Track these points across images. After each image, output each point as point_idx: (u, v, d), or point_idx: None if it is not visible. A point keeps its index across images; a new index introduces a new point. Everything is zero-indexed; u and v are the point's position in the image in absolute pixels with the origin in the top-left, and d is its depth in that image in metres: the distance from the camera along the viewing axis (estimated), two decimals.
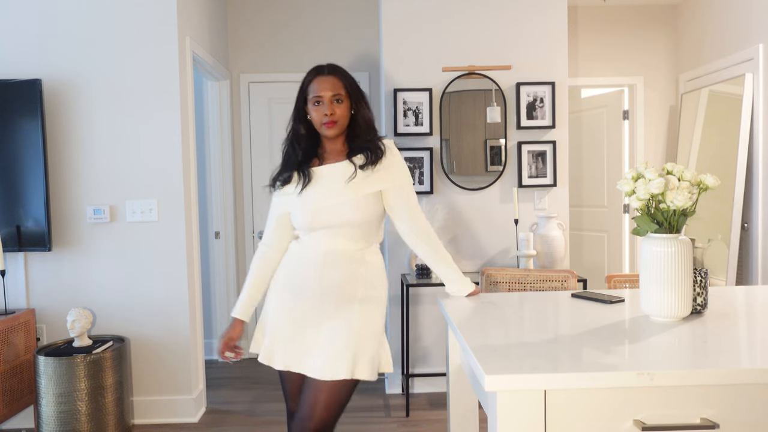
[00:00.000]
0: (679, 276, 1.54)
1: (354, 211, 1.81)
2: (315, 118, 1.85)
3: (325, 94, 1.82)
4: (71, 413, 2.80)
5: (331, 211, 1.81)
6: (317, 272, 1.84)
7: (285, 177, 1.89)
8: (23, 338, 3.02)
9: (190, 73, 3.37)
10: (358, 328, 1.80)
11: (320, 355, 1.79)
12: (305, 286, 1.85)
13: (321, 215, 1.82)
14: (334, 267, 1.84)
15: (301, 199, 1.85)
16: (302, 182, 1.85)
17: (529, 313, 1.86)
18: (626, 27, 4.46)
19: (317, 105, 1.83)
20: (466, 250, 3.65)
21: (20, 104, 3.00)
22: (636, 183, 1.58)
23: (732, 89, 3.79)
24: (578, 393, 1.21)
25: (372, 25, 4.34)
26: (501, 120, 3.58)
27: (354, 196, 1.81)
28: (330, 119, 1.81)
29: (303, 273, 1.86)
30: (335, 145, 1.90)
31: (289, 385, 1.95)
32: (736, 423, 1.22)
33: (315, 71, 1.87)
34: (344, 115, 1.84)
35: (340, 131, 1.87)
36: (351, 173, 1.82)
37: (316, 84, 1.84)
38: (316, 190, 1.84)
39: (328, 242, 1.84)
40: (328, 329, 1.81)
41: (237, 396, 3.68)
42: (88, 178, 3.16)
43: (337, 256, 1.84)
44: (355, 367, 1.77)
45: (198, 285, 3.41)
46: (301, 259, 1.89)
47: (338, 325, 1.80)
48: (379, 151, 1.84)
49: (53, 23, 3.11)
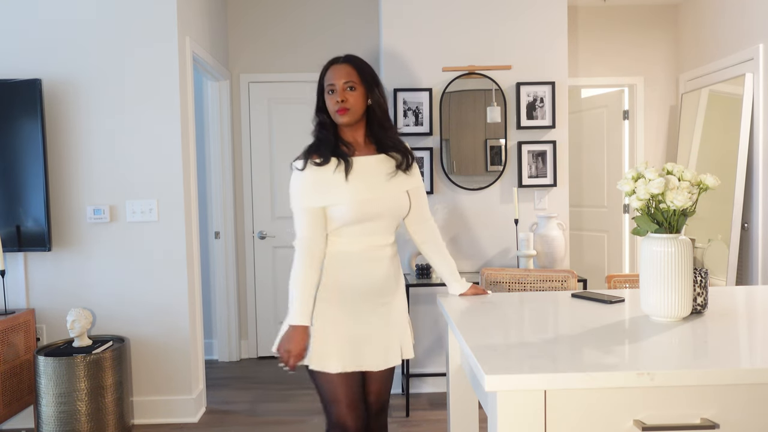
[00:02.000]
0: (679, 276, 1.54)
1: (394, 205, 1.86)
2: (330, 106, 1.85)
3: (337, 82, 1.82)
4: (71, 413, 2.80)
5: (378, 203, 1.83)
6: (362, 271, 1.85)
7: (322, 158, 1.81)
8: (23, 338, 3.02)
9: (190, 73, 3.37)
10: (398, 318, 1.95)
11: (376, 348, 1.87)
12: (353, 287, 1.85)
13: (369, 206, 1.81)
14: (376, 263, 1.87)
15: (349, 187, 1.80)
16: (345, 168, 1.81)
17: (529, 313, 1.86)
18: (626, 27, 4.46)
19: (331, 94, 1.84)
20: (466, 250, 3.65)
21: (20, 104, 3.00)
22: (636, 183, 1.58)
23: (732, 89, 3.79)
24: (578, 393, 1.21)
25: (372, 25, 4.34)
26: (501, 120, 3.58)
27: (396, 191, 1.87)
28: (342, 106, 1.81)
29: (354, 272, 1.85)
30: (357, 138, 1.90)
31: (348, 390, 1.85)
32: (736, 423, 1.22)
33: (331, 61, 1.89)
34: (358, 102, 1.83)
35: (353, 119, 1.85)
36: (392, 169, 1.87)
37: (330, 72, 1.86)
38: (362, 180, 1.82)
39: (368, 238, 1.85)
40: (377, 323, 1.89)
41: (237, 396, 3.68)
42: (88, 178, 3.16)
43: (376, 251, 1.87)
44: (402, 351, 1.95)
45: (198, 285, 3.41)
46: (350, 258, 1.85)
47: (383, 316, 1.90)
48: (410, 157, 1.92)
49: (53, 23, 3.11)
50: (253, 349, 4.49)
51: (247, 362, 4.39)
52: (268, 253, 4.41)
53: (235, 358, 4.42)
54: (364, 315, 1.86)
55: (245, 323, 4.46)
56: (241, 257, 4.42)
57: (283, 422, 3.23)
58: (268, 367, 4.24)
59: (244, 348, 4.47)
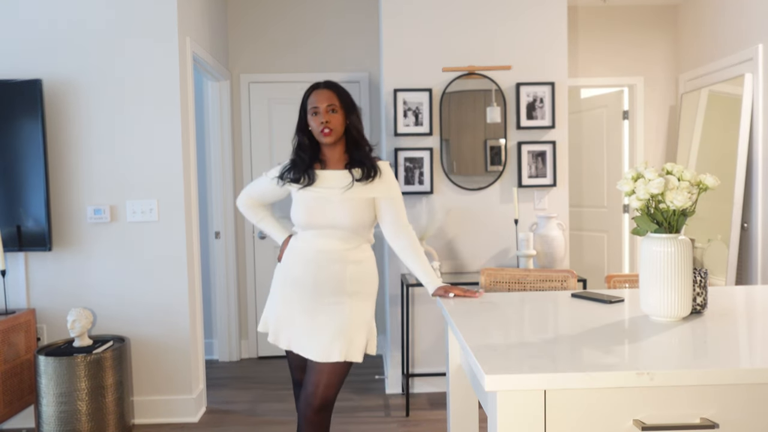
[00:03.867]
0: (679, 276, 1.55)
1: (347, 215, 2.05)
2: (314, 127, 2.08)
3: (321, 105, 2.06)
4: (71, 413, 2.80)
5: (326, 213, 2.06)
6: (313, 268, 2.08)
7: (295, 177, 2.11)
8: (23, 338, 3.02)
9: (191, 73, 3.37)
10: (349, 319, 2.05)
11: (317, 340, 2.04)
12: (303, 280, 2.09)
13: (317, 216, 2.07)
14: (327, 264, 2.08)
15: (301, 196, 2.10)
16: (305, 181, 2.09)
17: (529, 313, 1.87)
18: (626, 27, 4.46)
19: (315, 115, 2.07)
20: (466, 250, 3.65)
21: (20, 104, 3.00)
22: (636, 183, 1.58)
23: (732, 89, 3.79)
24: (578, 393, 1.21)
25: (372, 25, 4.34)
26: (501, 120, 3.58)
27: (349, 203, 2.05)
28: (326, 126, 2.04)
29: (301, 267, 2.11)
30: (334, 154, 2.14)
31: (293, 360, 2.20)
32: (736, 423, 1.23)
33: (313, 86, 2.12)
34: (339, 124, 2.07)
35: (336, 138, 2.09)
36: (348, 182, 2.06)
37: (314, 96, 2.09)
38: (315, 192, 2.08)
39: (322, 241, 2.09)
40: (324, 318, 2.05)
41: (237, 396, 3.68)
42: (88, 178, 3.16)
43: (329, 254, 2.08)
44: (348, 351, 2.03)
45: (198, 285, 3.41)
46: (299, 254, 2.13)
47: (332, 314, 2.05)
48: (374, 171, 2.09)
49: (53, 23, 3.11)
50: (253, 349, 4.49)
51: (247, 362, 4.39)
52: (268, 253, 4.42)
53: (235, 358, 4.42)
54: (312, 308, 2.06)
55: (245, 323, 4.46)
56: (241, 257, 4.42)
57: (283, 422, 3.23)
58: (268, 367, 4.24)
59: (244, 348, 4.48)
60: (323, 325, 2.04)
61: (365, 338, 2.09)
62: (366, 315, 2.11)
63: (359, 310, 2.08)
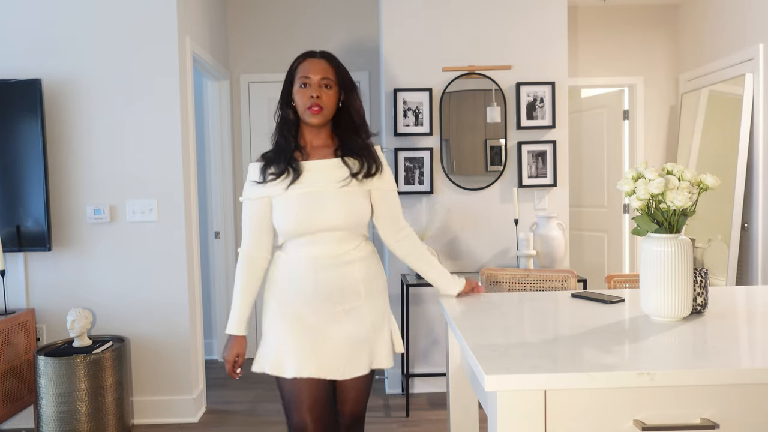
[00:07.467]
0: (679, 276, 1.54)
1: (345, 215, 1.73)
2: (299, 102, 1.73)
3: (313, 76, 1.70)
4: (71, 413, 2.80)
5: (320, 214, 1.71)
6: (313, 279, 1.73)
7: (278, 170, 1.74)
8: (23, 338, 3.02)
9: (190, 72, 3.37)
10: (370, 324, 1.79)
11: (340, 357, 1.75)
12: (305, 295, 1.75)
13: (310, 220, 1.71)
14: (329, 271, 1.74)
15: (288, 197, 1.72)
16: (291, 177, 1.71)
17: (529, 313, 1.86)
18: (626, 27, 4.46)
19: (304, 87, 1.72)
20: (466, 250, 3.65)
21: (20, 104, 3.00)
22: (636, 183, 1.58)
23: (732, 89, 3.79)
24: (578, 393, 1.21)
25: (372, 25, 4.34)
26: (501, 120, 3.58)
27: (345, 199, 1.72)
28: (316, 102, 1.69)
29: (299, 282, 1.75)
30: (319, 139, 1.79)
31: (301, 392, 1.77)
32: (736, 423, 1.22)
33: (306, 54, 1.77)
34: (331, 103, 1.73)
35: (325, 120, 1.74)
36: (344, 177, 1.73)
37: (306, 65, 1.73)
38: (304, 190, 1.72)
39: (317, 248, 1.74)
40: (342, 331, 1.75)
41: (237, 396, 3.68)
42: (88, 178, 3.16)
43: (329, 260, 1.74)
44: (374, 359, 1.80)
45: (198, 285, 3.41)
46: (292, 269, 1.76)
47: (351, 325, 1.76)
48: (374, 164, 1.77)
49: (53, 23, 3.11)
50: (252, 349, 4.46)
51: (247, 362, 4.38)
52: None
53: None
54: (324, 324, 1.74)
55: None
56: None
57: (283, 422, 3.23)
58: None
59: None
60: (344, 339, 1.75)
61: (389, 340, 1.84)
62: (385, 314, 1.86)
63: (377, 311, 1.82)
